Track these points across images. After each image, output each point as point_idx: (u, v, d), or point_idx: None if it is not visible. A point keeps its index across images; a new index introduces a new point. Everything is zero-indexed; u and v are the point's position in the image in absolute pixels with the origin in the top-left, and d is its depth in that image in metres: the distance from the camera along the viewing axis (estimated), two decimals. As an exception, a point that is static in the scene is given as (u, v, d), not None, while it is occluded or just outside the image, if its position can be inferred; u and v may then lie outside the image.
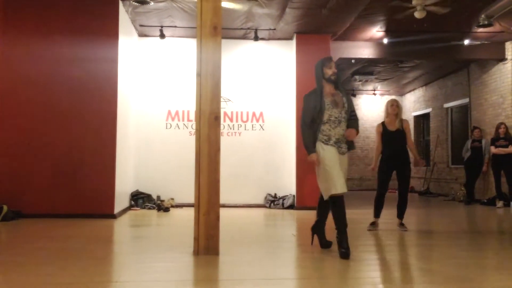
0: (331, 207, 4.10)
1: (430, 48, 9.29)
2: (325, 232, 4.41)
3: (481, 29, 8.19)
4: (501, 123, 9.01)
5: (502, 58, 9.43)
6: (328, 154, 4.06)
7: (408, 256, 4.32)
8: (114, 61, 6.82)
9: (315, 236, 4.49)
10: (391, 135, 5.63)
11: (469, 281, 3.21)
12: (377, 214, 5.68)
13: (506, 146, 8.81)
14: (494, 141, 9.03)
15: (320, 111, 4.08)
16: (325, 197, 4.08)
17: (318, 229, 4.43)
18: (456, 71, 11.48)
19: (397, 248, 4.71)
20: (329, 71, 4.16)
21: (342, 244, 3.94)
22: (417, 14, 6.98)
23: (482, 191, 9.93)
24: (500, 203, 8.83)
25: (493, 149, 8.99)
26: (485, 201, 9.40)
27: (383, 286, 3.17)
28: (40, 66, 6.68)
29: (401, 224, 5.70)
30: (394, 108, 5.69)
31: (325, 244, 4.35)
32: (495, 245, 5.02)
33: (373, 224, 5.69)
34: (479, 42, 9.21)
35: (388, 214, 6.24)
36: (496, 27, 8.16)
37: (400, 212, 5.72)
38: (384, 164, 5.64)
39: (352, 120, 4.21)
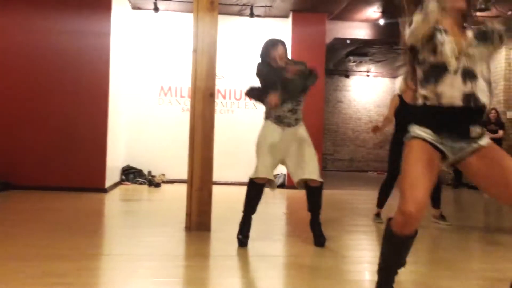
0: (247, 189, 3.64)
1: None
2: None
3: (478, 13, 8.17)
4: (492, 108, 9.08)
5: (496, 44, 9.46)
6: (264, 131, 3.84)
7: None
8: (106, 35, 6.69)
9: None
10: None
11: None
12: (382, 204, 4.80)
13: (496, 132, 8.90)
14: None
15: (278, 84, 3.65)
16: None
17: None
18: (450, 55, 11.48)
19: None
20: (279, 60, 3.85)
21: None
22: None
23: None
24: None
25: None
26: (473, 184, 9.53)
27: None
28: (31, 39, 6.52)
29: (442, 217, 4.78)
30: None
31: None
32: (479, 228, 5.12)
33: (379, 216, 4.82)
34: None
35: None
36: (493, 12, 8.13)
37: (436, 200, 4.72)
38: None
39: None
